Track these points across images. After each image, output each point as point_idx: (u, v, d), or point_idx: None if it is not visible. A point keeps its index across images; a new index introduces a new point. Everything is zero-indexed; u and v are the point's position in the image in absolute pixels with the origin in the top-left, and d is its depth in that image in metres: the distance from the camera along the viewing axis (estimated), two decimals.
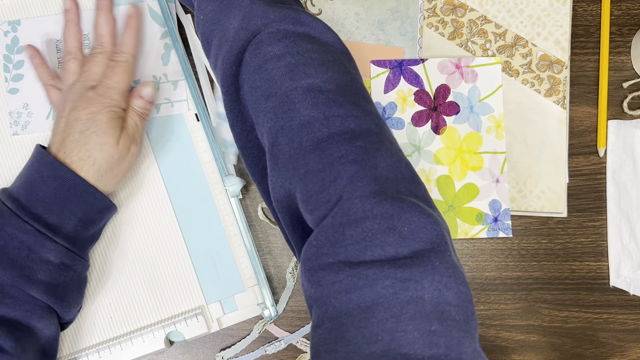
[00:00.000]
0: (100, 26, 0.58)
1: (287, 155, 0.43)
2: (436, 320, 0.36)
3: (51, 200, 0.52)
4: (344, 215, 0.39)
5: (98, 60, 0.57)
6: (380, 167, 0.41)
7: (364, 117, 0.43)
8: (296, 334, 0.63)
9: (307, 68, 0.44)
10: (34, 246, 0.51)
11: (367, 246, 0.38)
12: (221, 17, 0.48)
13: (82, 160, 0.53)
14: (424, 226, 0.38)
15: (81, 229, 0.54)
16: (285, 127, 0.43)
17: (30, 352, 0.51)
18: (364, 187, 0.39)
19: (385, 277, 0.37)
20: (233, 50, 0.47)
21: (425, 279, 0.37)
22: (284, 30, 0.46)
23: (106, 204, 0.55)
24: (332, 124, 0.42)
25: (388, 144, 0.43)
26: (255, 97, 0.46)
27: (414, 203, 0.39)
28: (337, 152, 0.41)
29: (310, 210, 0.41)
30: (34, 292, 0.51)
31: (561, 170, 0.63)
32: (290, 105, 0.43)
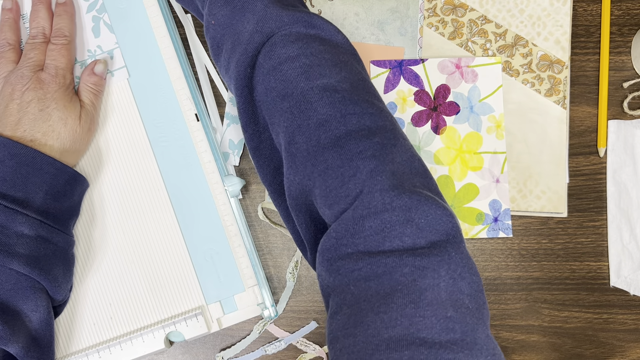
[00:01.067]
0: (43, 18, 0.60)
1: (305, 153, 0.44)
2: (451, 307, 0.38)
3: (13, 177, 0.53)
4: (364, 208, 0.40)
5: (42, 48, 0.59)
6: (396, 162, 0.42)
7: (378, 114, 0.44)
8: (296, 334, 0.63)
9: (321, 68, 0.45)
10: (5, 222, 0.52)
11: (386, 237, 0.40)
12: (234, 21, 0.49)
13: (45, 135, 0.56)
14: (440, 218, 0.40)
15: (51, 201, 0.55)
16: (302, 125, 0.44)
17: (21, 336, 0.52)
18: (383, 181, 0.41)
19: (404, 265, 0.38)
20: (248, 53, 0.48)
21: (441, 268, 0.38)
22: (297, 33, 0.47)
23: (70, 174, 0.56)
24: (349, 122, 0.43)
25: (402, 140, 0.44)
26: (270, 97, 0.47)
27: (429, 196, 0.41)
28: (355, 148, 0.42)
29: (329, 204, 0.43)
30: (14, 265, 0.52)
31: (561, 170, 0.63)
32: (307, 105, 0.44)
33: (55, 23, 0.60)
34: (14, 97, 0.56)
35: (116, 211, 0.61)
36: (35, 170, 0.54)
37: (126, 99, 0.62)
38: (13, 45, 0.60)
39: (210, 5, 0.51)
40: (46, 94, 0.56)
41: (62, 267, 0.56)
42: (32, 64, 0.58)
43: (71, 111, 0.57)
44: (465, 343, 0.37)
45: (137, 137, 0.62)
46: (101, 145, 0.62)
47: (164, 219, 0.61)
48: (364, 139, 0.43)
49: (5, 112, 0.56)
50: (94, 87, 0.60)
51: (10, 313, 0.52)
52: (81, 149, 0.59)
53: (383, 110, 0.45)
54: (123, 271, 0.61)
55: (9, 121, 0.55)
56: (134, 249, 0.61)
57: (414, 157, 0.44)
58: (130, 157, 0.62)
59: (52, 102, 0.56)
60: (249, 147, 0.51)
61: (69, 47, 0.60)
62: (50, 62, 0.58)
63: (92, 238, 0.61)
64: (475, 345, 0.37)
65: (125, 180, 0.62)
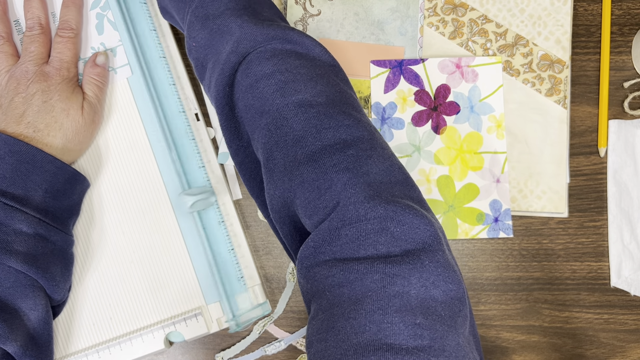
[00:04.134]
0: (36, 7, 0.60)
1: (282, 168, 0.45)
2: (421, 314, 0.38)
3: (13, 174, 0.53)
4: (339, 219, 0.41)
5: (41, 40, 0.59)
6: (372, 173, 0.42)
7: (355, 125, 0.45)
8: (296, 334, 0.63)
9: (296, 84, 0.46)
10: (4, 219, 0.52)
11: (361, 245, 0.40)
12: (213, 42, 0.50)
13: (48, 126, 0.56)
14: (417, 227, 0.40)
15: (50, 199, 0.55)
16: (279, 142, 0.45)
17: (19, 334, 0.52)
18: (357, 194, 0.41)
19: (374, 272, 0.39)
20: (225, 72, 0.48)
21: (412, 275, 0.39)
22: (272, 49, 0.48)
23: (70, 173, 0.57)
24: (324, 136, 0.44)
25: (380, 149, 0.44)
26: (250, 114, 0.48)
27: (407, 205, 0.41)
28: (329, 162, 0.43)
29: (309, 215, 0.43)
30: (12, 262, 0.52)
31: (562, 170, 0.63)
32: (283, 122, 0.45)
33: (63, 14, 0.60)
34: (19, 90, 0.56)
35: (116, 211, 0.61)
36: (35, 168, 0.54)
37: (126, 99, 0.62)
38: (6, 38, 0.60)
39: (188, 29, 0.52)
40: (50, 86, 0.57)
41: (61, 266, 0.56)
42: (34, 57, 0.58)
43: (73, 102, 0.57)
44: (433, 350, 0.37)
45: (137, 137, 0.62)
46: (101, 145, 0.62)
47: (164, 218, 0.61)
48: (338, 152, 0.43)
49: (11, 105, 0.56)
50: (97, 79, 0.60)
51: (9, 311, 0.52)
52: (84, 141, 0.59)
53: (360, 120, 0.46)
54: (122, 271, 0.61)
55: (14, 114, 0.56)
56: (133, 249, 0.61)
57: (393, 165, 0.44)
58: (130, 157, 0.62)
59: (55, 94, 0.57)
60: (235, 162, 0.52)
61: (75, 40, 0.60)
62: (56, 55, 0.58)
63: (92, 238, 0.61)
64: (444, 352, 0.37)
65: (124, 180, 0.62)
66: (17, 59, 0.59)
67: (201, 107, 0.64)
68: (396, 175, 0.43)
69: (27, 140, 0.55)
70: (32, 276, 0.53)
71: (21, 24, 0.62)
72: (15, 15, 0.62)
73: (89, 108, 0.59)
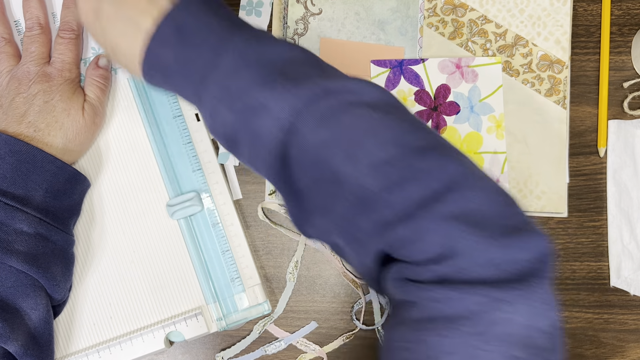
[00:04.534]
0: (35, 7, 0.60)
1: (372, 232, 0.40)
2: (522, 345, 0.36)
3: (13, 174, 0.53)
4: (450, 267, 0.38)
5: (42, 40, 0.59)
6: (474, 209, 0.39)
7: (437, 166, 0.40)
8: (296, 334, 0.63)
9: (361, 143, 0.41)
10: (5, 219, 0.52)
11: (467, 276, 0.38)
12: (245, 122, 0.44)
13: (49, 125, 0.56)
14: (530, 248, 0.38)
15: (51, 199, 0.55)
16: (365, 209, 0.40)
17: (20, 334, 0.52)
18: (468, 240, 0.38)
19: (477, 294, 0.36)
20: (272, 152, 0.43)
21: (520, 302, 0.36)
22: (318, 111, 0.41)
23: (70, 172, 0.57)
24: (409, 191, 0.39)
25: (473, 178, 0.40)
26: (322, 188, 0.42)
27: (517, 231, 0.38)
28: (423, 214, 0.39)
29: (412, 257, 0.40)
30: (13, 262, 0.52)
31: (562, 171, 0.63)
32: (362, 189, 0.40)
33: (64, 16, 0.60)
34: (20, 90, 0.56)
35: (116, 211, 0.61)
36: (35, 167, 0.54)
37: (127, 99, 0.62)
38: (8, 39, 0.60)
39: (212, 114, 0.45)
40: (51, 87, 0.57)
41: (61, 266, 0.56)
42: (35, 57, 0.58)
43: (74, 102, 0.57)
44: None
45: (138, 137, 0.62)
46: (101, 145, 0.62)
47: (164, 219, 0.61)
48: (432, 202, 0.38)
49: (12, 105, 0.56)
50: (100, 81, 0.60)
51: (10, 311, 0.52)
52: (85, 142, 0.59)
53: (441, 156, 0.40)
54: (123, 271, 0.61)
55: (15, 114, 0.56)
56: (133, 249, 0.61)
57: (493, 192, 0.40)
58: (130, 157, 0.62)
59: (56, 94, 0.57)
60: (304, 233, 0.47)
61: (76, 41, 0.60)
62: (58, 56, 0.58)
63: (92, 238, 0.61)
64: None
65: (125, 180, 0.62)
66: (18, 59, 0.59)
67: None
68: (496, 200, 0.40)
69: (28, 140, 0.55)
70: (33, 276, 0.53)
71: (21, 25, 0.62)
72: (15, 15, 0.62)
73: (89, 109, 0.58)
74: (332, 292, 0.64)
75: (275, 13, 0.65)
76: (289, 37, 0.63)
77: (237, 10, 0.65)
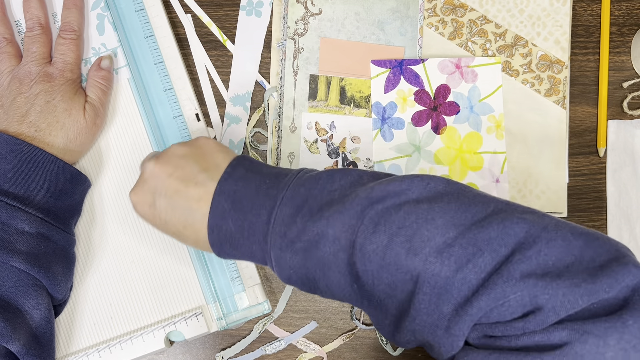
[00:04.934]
0: (35, 7, 0.60)
1: (457, 316, 0.41)
2: None
3: (15, 174, 0.54)
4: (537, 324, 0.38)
5: (43, 40, 0.59)
6: (552, 264, 0.39)
7: (500, 233, 0.40)
8: (296, 333, 0.63)
9: (418, 234, 0.42)
10: (6, 219, 0.52)
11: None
12: (312, 256, 0.45)
13: (50, 125, 0.56)
14: (621, 281, 0.37)
15: (52, 199, 0.55)
16: (443, 297, 0.41)
17: (22, 334, 0.52)
18: (551, 299, 0.37)
19: (562, 329, 0.36)
20: (342, 272, 0.45)
21: (610, 336, 0.35)
22: (370, 221, 0.43)
23: (72, 172, 0.57)
24: (480, 264, 0.40)
25: (545, 234, 0.40)
26: (398, 290, 0.43)
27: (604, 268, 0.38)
28: (503, 281, 0.39)
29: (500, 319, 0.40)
30: (15, 261, 0.52)
31: (561, 170, 0.63)
32: (435, 278, 0.41)
33: (64, 16, 0.60)
34: (21, 90, 0.56)
35: (116, 211, 0.61)
36: (36, 167, 0.54)
37: (127, 99, 0.62)
38: (9, 39, 0.60)
39: (278, 263, 0.47)
40: (53, 87, 0.57)
41: (62, 266, 0.56)
42: (36, 57, 0.58)
43: (75, 102, 0.58)
44: None
45: (138, 137, 0.62)
46: (102, 145, 0.62)
47: None
48: (506, 268, 0.39)
49: (13, 104, 0.56)
50: (102, 82, 0.60)
51: (12, 310, 0.52)
52: (86, 142, 0.59)
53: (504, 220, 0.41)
54: (123, 271, 0.61)
55: (16, 114, 0.56)
56: (134, 248, 0.61)
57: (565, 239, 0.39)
58: (130, 157, 0.62)
59: (58, 95, 0.57)
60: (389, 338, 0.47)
61: (77, 42, 0.60)
62: (59, 57, 0.59)
63: (92, 238, 0.61)
64: None
65: (125, 180, 0.62)
66: (19, 59, 0.59)
67: (202, 107, 0.64)
68: (573, 246, 0.39)
69: (29, 140, 0.55)
70: (35, 275, 0.53)
71: (21, 25, 0.62)
72: (16, 16, 0.63)
73: (91, 110, 0.59)
74: None
75: (275, 13, 0.65)
76: (288, 37, 0.64)
77: (237, 10, 0.65)
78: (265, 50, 0.65)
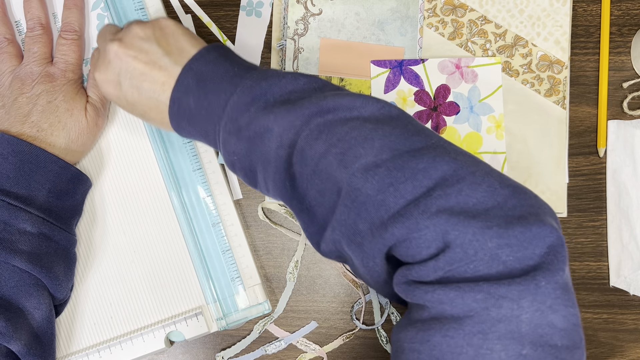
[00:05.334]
0: (36, 7, 0.60)
1: (371, 237, 0.41)
2: (531, 343, 0.35)
3: (16, 174, 0.54)
4: (447, 262, 0.38)
5: (44, 41, 0.59)
6: (471, 204, 0.39)
7: (431, 166, 0.40)
8: (296, 333, 0.63)
9: (354, 150, 0.42)
10: (8, 219, 0.53)
11: (470, 274, 0.38)
12: (255, 147, 0.47)
13: (52, 125, 0.56)
14: (533, 241, 0.37)
15: (54, 199, 0.55)
16: (360, 213, 0.42)
17: (23, 333, 0.52)
18: (462, 235, 0.38)
19: (478, 291, 0.36)
20: (280, 169, 0.46)
21: (524, 298, 0.35)
22: (316, 127, 0.44)
23: (73, 172, 0.57)
24: (403, 191, 0.40)
25: (470, 176, 0.40)
26: (325, 199, 0.44)
27: (522, 220, 0.38)
28: (418, 211, 0.39)
29: (412, 256, 0.40)
30: (17, 261, 0.52)
31: (561, 171, 0.63)
32: (357, 193, 0.42)
33: (65, 17, 0.60)
34: (23, 90, 0.57)
35: (117, 211, 0.61)
36: (38, 167, 0.54)
37: None
38: (10, 39, 0.60)
39: (224, 146, 0.48)
40: (55, 87, 0.57)
41: (64, 266, 0.56)
42: (38, 58, 0.58)
43: (77, 102, 0.58)
44: None
45: (138, 137, 0.62)
46: (103, 145, 0.62)
47: (165, 219, 0.61)
48: (425, 199, 0.39)
49: (14, 105, 0.56)
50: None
51: (13, 310, 0.52)
52: (87, 143, 0.59)
53: (435, 157, 0.41)
54: (123, 271, 0.61)
55: (19, 114, 0.56)
56: (134, 248, 0.61)
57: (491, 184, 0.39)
58: (131, 157, 0.62)
59: (59, 95, 0.57)
60: (321, 252, 0.48)
61: (79, 42, 0.60)
62: (60, 57, 0.59)
63: (93, 238, 0.61)
64: None
65: (126, 180, 0.62)
66: (20, 59, 0.59)
67: None
68: (498, 193, 0.39)
69: (31, 139, 0.55)
70: (36, 275, 0.54)
71: (22, 25, 0.62)
72: (16, 16, 0.63)
73: (92, 110, 0.59)
74: (332, 291, 0.64)
75: (275, 13, 0.65)
76: (289, 37, 0.64)
77: (237, 10, 0.65)
78: (265, 51, 0.65)
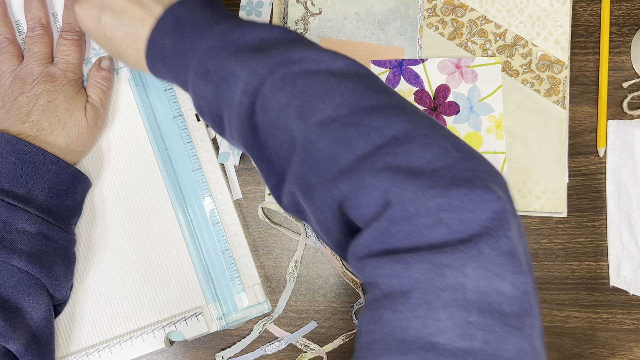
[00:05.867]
0: (36, 8, 0.60)
1: (322, 192, 0.42)
2: (478, 310, 0.34)
3: (16, 174, 0.54)
4: (389, 220, 0.38)
5: (44, 41, 0.59)
6: (418, 164, 0.38)
7: (385, 124, 0.40)
8: (296, 333, 0.63)
9: (313, 103, 0.42)
10: (8, 219, 0.53)
11: (414, 241, 0.37)
12: (221, 92, 0.47)
13: (52, 125, 0.56)
14: (477, 208, 0.36)
15: (53, 199, 0.55)
16: (313, 167, 0.42)
17: (22, 333, 0.52)
18: (404, 191, 0.37)
19: (422, 262, 0.35)
20: (242, 117, 0.46)
21: (467, 265, 0.35)
22: (281, 77, 0.44)
23: (72, 172, 0.57)
24: (356, 147, 0.40)
25: (422, 137, 0.40)
26: (283, 150, 0.45)
27: (466, 183, 0.37)
28: (365, 168, 0.39)
29: (359, 219, 0.40)
30: (16, 261, 0.52)
31: (561, 170, 0.63)
32: (311, 146, 0.42)
33: (66, 17, 0.60)
34: (24, 90, 0.57)
35: (117, 211, 0.61)
36: (38, 167, 0.54)
37: (127, 99, 0.62)
38: (11, 39, 0.60)
39: (194, 91, 0.49)
40: (55, 87, 0.57)
41: (63, 265, 0.56)
42: (38, 58, 0.58)
43: (77, 102, 0.58)
44: (485, 354, 0.33)
45: (138, 137, 0.62)
46: (102, 145, 0.62)
47: (165, 218, 0.61)
48: (373, 157, 0.39)
49: (14, 104, 0.56)
50: (103, 82, 0.60)
51: (12, 310, 0.52)
52: (87, 143, 0.59)
53: (391, 116, 0.41)
54: (123, 271, 0.61)
55: (19, 113, 0.56)
56: (134, 248, 0.61)
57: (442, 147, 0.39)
58: (131, 157, 0.62)
59: (60, 94, 0.57)
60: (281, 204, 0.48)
61: (79, 42, 0.60)
62: (61, 57, 0.59)
63: (93, 238, 0.61)
64: (497, 358, 0.33)
65: (126, 180, 0.62)
66: (21, 59, 0.59)
67: None
68: (449, 155, 0.39)
69: (30, 139, 0.55)
70: (35, 275, 0.54)
71: (22, 25, 0.62)
72: (16, 16, 0.63)
73: (92, 110, 0.59)
74: (332, 291, 0.64)
75: (275, 13, 0.65)
76: None
77: (237, 10, 0.65)
78: None
